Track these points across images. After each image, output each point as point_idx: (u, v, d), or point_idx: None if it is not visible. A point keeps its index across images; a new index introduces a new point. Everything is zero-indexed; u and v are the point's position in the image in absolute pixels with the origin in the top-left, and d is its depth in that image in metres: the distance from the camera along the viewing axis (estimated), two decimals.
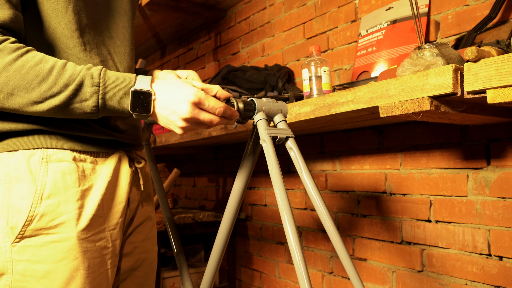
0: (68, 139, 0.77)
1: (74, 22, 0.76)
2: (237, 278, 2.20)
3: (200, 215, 2.04)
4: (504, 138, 1.16)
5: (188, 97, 0.73)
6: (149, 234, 0.95)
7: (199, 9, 2.26)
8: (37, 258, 0.73)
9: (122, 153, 0.86)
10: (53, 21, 0.75)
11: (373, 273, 1.49)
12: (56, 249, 0.73)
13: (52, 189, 0.74)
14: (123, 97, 0.72)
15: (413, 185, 1.37)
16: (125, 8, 0.90)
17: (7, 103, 0.68)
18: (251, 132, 0.89)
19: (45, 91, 0.68)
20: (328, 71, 1.29)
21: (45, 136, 0.75)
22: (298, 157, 0.83)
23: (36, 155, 0.74)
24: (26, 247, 0.73)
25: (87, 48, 0.78)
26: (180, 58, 2.82)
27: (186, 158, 2.69)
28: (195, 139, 1.66)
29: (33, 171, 0.73)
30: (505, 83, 0.72)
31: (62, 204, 0.74)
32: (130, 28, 0.91)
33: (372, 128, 1.49)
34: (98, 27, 0.83)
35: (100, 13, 0.84)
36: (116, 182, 0.83)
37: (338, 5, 1.65)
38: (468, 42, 1.12)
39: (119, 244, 0.84)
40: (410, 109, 0.86)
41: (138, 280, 0.93)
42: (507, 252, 1.14)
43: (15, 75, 0.67)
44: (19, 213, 0.72)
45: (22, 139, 0.75)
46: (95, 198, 0.78)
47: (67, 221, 0.74)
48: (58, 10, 0.75)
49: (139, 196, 0.91)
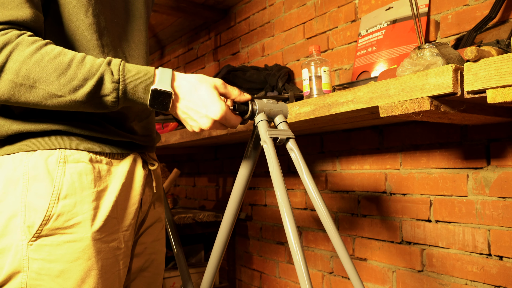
0: (85, 140, 0.78)
1: (94, 25, 0.77)
2: (237, 278, 2.20)
3: (200, 215, 2.04)
4: (504, 138, 1.16)
5: (213, 115, 0.75)
6: (158, 235, 0.96)
7: (199, 9, 2.26)
8: (52, 257, 0.73)
9: (137, 155, 0.86)
10: (73, 24, 0.76)
11: (373, 273, 1.49)
12: (71, 249, 0.74)
13: (69, 190, 0.74)
14: (143, 91, 0.72)
15: (413, 185, 1.37)
16: (140, 11, 0.90)
17: (30, 96, 0.68)
18: (251, 132, 0.89)
19: (64, 85, 0.68)
20: (328, 71, 1.29)
21: (63, 137, 0.76)
22: (299, 158, 0.83)
23: (54, 155, 0.75)
24: (42, 246, 0.73)
25: (105, 50, 0.79)
26: (180, 58, 2.82)
27: (186, 158, 2.69)
28: (195, 139, 1.66)
29: (51, 171, 0.74)
30: (505, 83, 0.72)
31: (78, 205, 0.75)
32: (145, 31, 0.92)
33: (372, 128, 1.49)
34: (115, 30, 0.83)
35: (117, 17, 0.84)
36: (130, 184, 0.83)
37: (338, 5, 1.66)
38: (468, 42, 1.12)
39: (131, 245, 0.85)
40: (410, 109, 0.86)
41: (147, 281, 0.94)
42: (507, 252, 1.14)
43: (35, 68, 0.67)
44: (36, 212, 0.73)
45: (40, 140, 0.75)
46: (109, 199, 0.78)
47: (83, 222, 0.75)
48: (79, 12, 0.75)
49: (151, 197, 0.92)
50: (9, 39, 0.66)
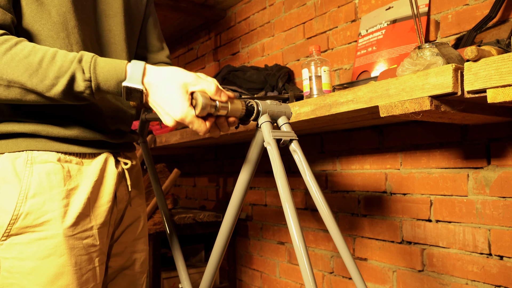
0: (53, 141, 0.79)
1: (60, 24, 0.77)
2: (237, 278, 2.20)
3: (201, 215, 2.04)
4: (505, 138, 1.16)
5: (174, 114, 0.72)
6: (139, 234, 0.97)
7: (199, 9, 2.26)
8: (23, 255, 0.75)
9: (109, 154, 0.87)
10: (36, 25, 0.76)
11: (373, 272, 1.49)
12: (43, 246, 0.75)
13: (37, 189, 0.75)
14: (116, 87, 0.73)
15: (414, 185, 1.36)
16: (115, 10, 0.90)
17: (9, 95, 0.69)
18: (254, 133, 0.89)
19: (37, 84, 0.69)
20: (328, 71, 1.29)
21: (29, 139, 0.77)
22: (302, 160, 0.83)
23: (21, 157, 0.76)
24: (12, 245, 0.75)
25: (73, 49, 0.79)
26: (180, 58, 2.82)
27: (186, 158, 2.69)
28: (195, 139, 1.66)
29: (18, 172, 0.75)
30: (505, 83, 0.72)
31: (48, 203, 0.76)
32: (122, 31, 0.91)
33: (372, 127, 1.49)
34: (86, 29, 0.83)
35: (87, 16, 0.84)
36: (102, 182, 0.84)
37: (338, 5, 1.65)
38: (468, 42, 1.12)
39: (107, 243, 0.86)
40: (410, 108, 0.86)
41: (129, 279, 0.95)
42: (507, 252, 1.14)
43: (6, 69, 0.68)
44: (5, 213, 0.74)
45: (7, 142, 0.77)
46: (81, 197, 0.79)
47: (53, 219, 0.76)
48: (43, 13, 0.76)
49: (127, 196, 0.93)
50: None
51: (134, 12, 0.96)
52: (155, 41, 1.06)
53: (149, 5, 1.03)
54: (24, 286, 0.75)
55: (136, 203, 0.97)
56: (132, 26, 0.95)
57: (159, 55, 1.07)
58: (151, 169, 1.39)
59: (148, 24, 1.04)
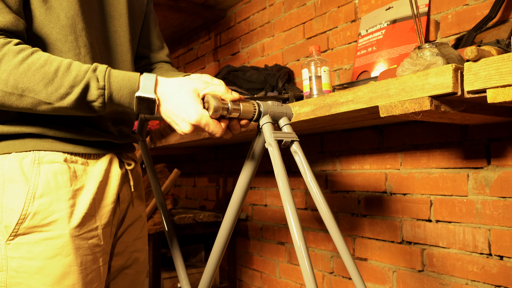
0: (59, 141, 0.79)
1: (68, 27, 0.78)
2: (237, 278, 2.20)
3: (201, 215, 2.04)
4: (505, 138, 1.16)
5: (189, 118, 0.74)
6: (140, 233, 0.98)
7: (199, 9, 2.26)
8: (30, 254, 0.75)
9: (113, 155, 0.88)
10: (45, 28, 0.77)
11: (373, 273, 1.49)
12: (50, 245, 0.76)
13: (44, 189, 0.76)
14: (128, 97, 0.74)
15: (414, 185, 1.36)
16: (120, 12, 0.91)
17: (21, 103, 0.70)
18: (255, 133, 0.89)
19: (52, 93, 0.70)
20: (328, 71, 1.29)
21: (37, 139, 0.78)
22: (303, 161, 0.83)
23: (29, 157, 0.77)
24: (20, 244, 0.75)
25: (81, 51, 0.80)
26: (180, 58, 2.82)
27: (186, 158, 2.69)
28: (195, 139, 1.66)
29: (25, 172, 0.76)
30: (505, 83, 0.72)
31: (55, 203, 0.76)
32: (127, 32, 0.92)
33: (372, 127, 1.49)
34: (93, 31, 0.84)
35: (94, 18, 0.85)
36: (107, 183, 0.85)
37: (338, 5, 1.65)
38: (468, 42, 1.12)
39: (110, 243, 0.87)
40: (410, 108, 0.86)
41: (129, 278, 0.96)
42: (507, 252, 1.14)
43: (22, 78, 0.69)
44: (12, 212, 0.74)
45: (15, 142, 0.77)
46: (87, 197, 0.80)
47: (60, 219, 0.76)
48: (51, 16, 0.77)
49: (130, 196, 0.94)
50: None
51: (136, 12, 0.97)
52: (155, 39, 1.07)
53: (149, 4, 1.04)
54: (31, 286, 0.75)
55: (136, 203, 0.98)
56: (134, 26, 0.96)
57: (160, 53, 1.08)
58: (150, 169, 1.39)
59: (148, 23, 1.04)
